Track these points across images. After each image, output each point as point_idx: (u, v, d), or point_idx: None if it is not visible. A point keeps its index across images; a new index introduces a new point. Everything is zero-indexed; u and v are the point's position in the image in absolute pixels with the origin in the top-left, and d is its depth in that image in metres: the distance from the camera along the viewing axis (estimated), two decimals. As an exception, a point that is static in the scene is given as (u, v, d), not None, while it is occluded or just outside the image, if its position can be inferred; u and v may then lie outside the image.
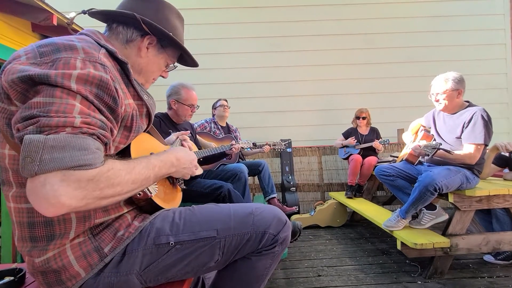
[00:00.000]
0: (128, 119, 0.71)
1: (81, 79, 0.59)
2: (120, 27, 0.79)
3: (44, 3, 1.88)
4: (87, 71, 0.60)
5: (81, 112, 0.57)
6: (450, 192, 1.87)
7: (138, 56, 0.80)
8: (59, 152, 0.53)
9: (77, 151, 0.54)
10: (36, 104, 0.55)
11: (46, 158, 0.52)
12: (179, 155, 0.82)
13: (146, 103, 0.77)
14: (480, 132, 1.81)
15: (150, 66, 0.83)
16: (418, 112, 2.44)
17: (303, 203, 3.59)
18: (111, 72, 0.65)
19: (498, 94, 3.77)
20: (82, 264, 0.68)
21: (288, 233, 0.86)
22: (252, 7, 3.69)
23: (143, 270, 0.73)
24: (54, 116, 0.54)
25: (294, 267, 2.09)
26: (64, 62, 0.59)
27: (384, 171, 2.18)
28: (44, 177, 0.52)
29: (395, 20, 3.75)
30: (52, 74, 0.57)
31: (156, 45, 0.83)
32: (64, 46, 0.62)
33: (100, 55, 0.65)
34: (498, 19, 3.78)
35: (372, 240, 2.64)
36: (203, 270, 0.80)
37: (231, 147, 2.14)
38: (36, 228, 0.65)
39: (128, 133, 0.73)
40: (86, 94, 0.59)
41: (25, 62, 0.60)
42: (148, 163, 0.70)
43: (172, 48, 0.86)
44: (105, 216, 0.72)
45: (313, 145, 3.71)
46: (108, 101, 0.62)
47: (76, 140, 0.55)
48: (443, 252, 1.83)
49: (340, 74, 3.73)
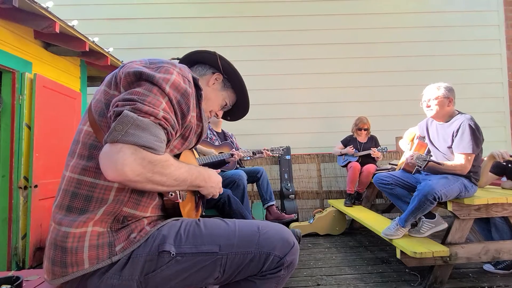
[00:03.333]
0: (188, 129, 0.83)
1: (173, 85, 0.75)
2: (199, 66, 1.02)
3: (47, 11, 1.91)
4: (179, 81, 0.76)
5: (164, 109, 0.72)
6: (449, 201, 1.88)
7: (206, 85, 1.00)
8: (140, 131, 0.66)
9: (152, 136, 0.68)
10: (136, 93, 0.71)
11: (130, 132, 0.65)
12: (210, 173, 0.91)
13: (203, 125, 0.89)
14: (468, 142, 1.82)
15: (212, 96, 1.01)
16: (415, 120, 2.46)
17: (302, 210, 3.58)
18: (192, 88, 0.81)
19: (495, 103, 3.82)
20: (91, 254, 0.71)
21: (296, 256, 0.82)
22: (252, 16, 3.75)
23: (143, 277, 0.73)
24: (147, 105, 0.69)
25: (293, 276, 2.07)
26: (166, 69, 0.76)
27: (383, 179, 2.18)
28: (121, 146, 0.64)
29: (393, 30, 3.81)
30: (156, 75, 0.73)
31: (221, 83, 1.03)
32: (167, 62, 0.80)
33: (189, 75, 0.82)
34: (493, 29, 3.86)
35: (371, 248, 2.63)
36: (201, 286, 0.79)
37: (232, 156, 2.14)
38: (77, 198, 0.73)
39: (184, 141, 0.84)
40: (172, 97, 0.74)
41: (139, 64, 0.78)
42: (190, 169, 0.81)
43: (232, 91, 1.06)
44: (133, 208, 0.77)
45: (312, 153, 3.72)
46: (184, 108, 0.77)
47: (155, 127, 0.69)
48: (442, 261, 1.82)
49: (339, 82, 3.77)
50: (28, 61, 2.21)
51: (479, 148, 1.86)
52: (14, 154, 2.06)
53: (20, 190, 2.05)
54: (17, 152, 2.06)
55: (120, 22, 3.63)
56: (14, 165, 2.05)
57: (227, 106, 1.07)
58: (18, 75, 2.09)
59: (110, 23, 3.60)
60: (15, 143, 2.06)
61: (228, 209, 1.91)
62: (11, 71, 2.06)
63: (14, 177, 2.05)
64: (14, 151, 2.06)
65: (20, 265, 2.04)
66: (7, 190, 2.04)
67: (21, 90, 2.08)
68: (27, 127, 2.11)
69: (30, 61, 2.22)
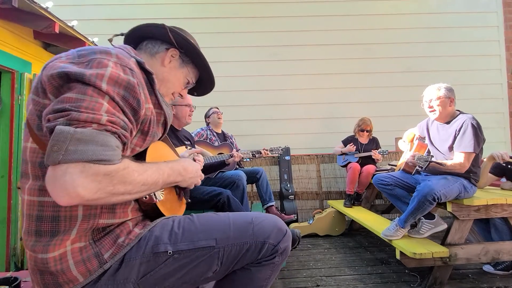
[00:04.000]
0: (146, 123, 0.75)
1: (111, 80, 0.64)
2: (149, 43, 0.88)
3: (46, 11, 1.91)
4: (117, 73, 0.66)
5: (107, 111, 0.62)
6: (449, 201, 1.88)
7: (161, 65, 0.87)
8: (83, 145, 0.57)
9: (99, 146, 0.58)
10: (68, 99, 0.60)
11: (70, 149, 0.56)
12: (185, 165, 0.85)
13: (165, 112, 0.82)
14: (469, 141, 1.82)
15: (171, 77, 0.89)
16: (415, 121, 2.46)
17: (301, 211, 3.57)
18: (137, 77, 0.70)
19: (494, 104, 3.82)
20: (80, 270, 0.68)
21: (289, 243, 0.85)
22: (252, 17, 3.75)
23: (140, 279, 0.72)
24: (84, 112, 0.59)
25: (293, 276, 2.07)
26: (98, 62, 0.65)
27: (382, 180, 2.18)
28: (66, 166, 0.56)
29: (393, 31, 3.82)
30: (87, 73, 0.62)
31: (178, 59, 0.90)
32: (100, 50, 0.68)
33: (130, 61, 0.71)
34: (492, 31, 3.87)
35: (371, 249, 2.63)
36: (201, 280, 0.79)
37: (231, 157, 2.14)
38: (43, 222, 0.67)
39: (145, 136, 0.76)
40: (113, 95, 0.64)
41: (65, 61, 0.66)
42: (159, 168, 0.74)
43: (192, 66, 0.94)
44: (111, 218, 0.72)
45: (311, 153, 3.71)
46: (132, 103, 0.67)
47: (100, 136, 0.59)
48: (442, 262, 1.82)
49: (339, 83, 3.77)
50: (27, 61, 2.20)
51: (480, 147, 1.86)
52: (13, 154, 2.05)
53: (19, 190, 2.05)
54: (16, 153, 2.06)
55: (119, 22, 3.63)
56: (13, 165, 2.05)
57: (190, 84, 0.96)
58: (18, 75, 2.09)
59: (109, 24, 3.60)
60: (14, 143, 2.06)
61: (227, 210, 1.91)
62: (10, 71, 2.06)
63: (13, 177, 2.05)
64: (13, 152, 2.06)
65: (18, 265, 2.03)
66: (6, 190, 2.04)
67: (20, 90, 2.08)
68: (26, 127, 2.11)
69: (29, 61, 2.22)
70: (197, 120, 3.05)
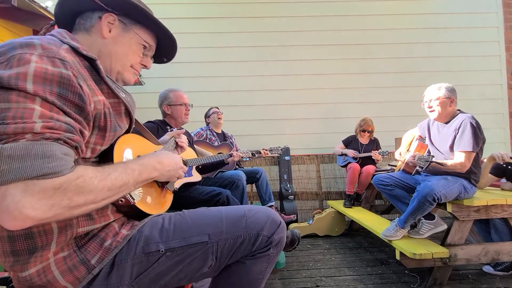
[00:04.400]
0: (100, 117, 0.66)
1: (38, 78, 0.54)
2: (81, 19, 0.74)
3: (46, 10, 1.91)
4: (44, 67, 0.55)
5: (42, 116, 0.53)
6: (449, 202, 1.87)
7: (102, 38, 0.74)
8: (18, 161, 0.49)
9: (39, 159, 0.51)
10: None
11: (4, 169, 0.49)
12: (160, 158, 0.79)
13: (123, 100, 0.72)
14: (468, 140, 1.82)
15: (119, 47, 0.76)
16: (415, 121, 2.46)
17: (301, 211, 3.57)
18: (72, 67, 0.59)
19: (494, 105, 3.82)
20: (68, 279, 0.65)
21: (283, 234, 0.83)
22: (251, 16, 3.74)
23: (134, 280, 0.71)
24: (11, 123, 0.50)
25: (292, 277, 2.07)
26: (19, 58, 0.54)
27: (382, 180, 2.18)
28: (4, 188, 0.49)
29: (393, 31, 3.81)
30: (4, 75, 0.52)
31: (119, 24, 0.75)
32: (20, 44, 0.57)
33: (60, 50, 0.60)
34: (492, 31, 3.86)
35: (370, 249, 2.62)
36: (197, 276, 0.78)
37: (231, 156, 2.14)
38: (16, 241, 0.61)
39: (103, 133, 0.68)
40: (45, 95, 0.54)
41: None
42: (126, 168, 0.67)
43: (139, 26, 0.78)
44: (90, 224, 0.68)
45: (311, 153, 3.71)
46: (73, 99, 0.58)
47: (38, 147, 0.51)
48: (442, 262, 1.81)
49: (338, 83, 3.77)
50: (26, 61, 2.20)
51: (479, 147, 1.86)
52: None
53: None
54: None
55: (119, 22, 3.62)
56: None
57: (150, 47, 0.82)
58: (17, 75, 2.08)
59: (109, 23, 3.60)
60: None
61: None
62: (10, 70, 2.06)
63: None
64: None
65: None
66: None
67: (20, 89, 2.07)
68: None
69: (28, 61, 2.22)
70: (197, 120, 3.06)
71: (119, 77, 0.79)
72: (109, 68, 0.76)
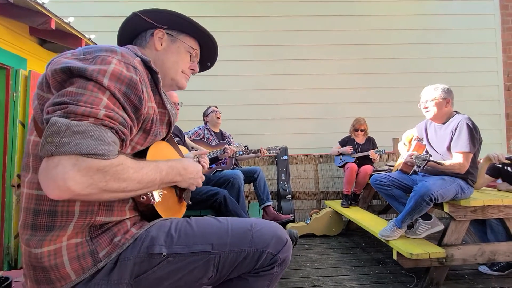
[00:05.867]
0: (148, 121, 0.74)
1: (113, 76, 0.64)
2: (137, 39, 0.89)
3: (42, 7, 1.88)
4: (120, 70, 0.66)
5: (106, 107, 0.62)
6: (445, 202, 1.88)
7: (156, 51, 0.86)
8: (78, 138, 0.57)
9: (94, 140, 0.58)
10: (68, 93, 0.61)
11: (65, 141, 0.56)
12: (186, 164, 0.84)
13: (169, 112, 0.81)
14: (465, 141, 1.83)
15: (170, 56, 0.87)
16: (412, 122, 2.47)
17: (298, 211, 3.57)
18: (140, 75, 0.70)
19: (491, 106, 3.85)
20: (74, 266, 0.67)
21: (289, 253, 0.81)
22: (249, 16, 3.74)
23: (133, 280, 0.71)
24: (82, 105, 0.59)
25: (289, 276, 2.06)
26: (102, 59, 0.66)
27: (380, 180, 2.19)
28: (58, 158, 0.55)
29: (390, 32, 3.83)
30: (89, 68, 0.63)
31: (167, 37, 0.87)
32: (105, 48, 0.69)
33: (135, 60, 0.72)
34: (489, 33, 3.89)
35: (367, 249, 2.63)
36: (195, 286, 0.77)
37: (225, 151, 2.13)
38: (40, 215, 0.66)
39: (146, 135, 0.76)
40: (114, 91, 0.64)
41: (70, 57, 0.67)
42: (156, 166, 0.73)
43: (184, 35, 0.90)
44: (108, 216, 0.71)
45: (309, 153, 3.71)
46: (134, 100, 0.67)
47: (96, 130, 0.59)
48: (438, 262, 1.82)
49: (336, 83, 3.77)
50: (23, 58, 2.17)
51: (476, 147, 1.87)
52: (7, 151, 2.02)
53: (13, 188, 2.02)
54: (10, 150, 2.03)
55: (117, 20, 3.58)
56: (7, 163, 2.02)
57: (195, 53, 0.93)
58: (13, 72, 2.06)
59: (107, 21, 3.56)
60: (9, 141, 2.03)
61: (224, 209, 1.90)
62: (5, 67, 2.03)
63: (7, 175, 2.02)
64: (7, 149, 2.03)
65: (12, 264, 2.00)
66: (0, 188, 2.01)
67: (15, 87, 2.05)
68: (21, 125, 2.08)
69: (25, 58, 2.19)
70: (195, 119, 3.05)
71: (174, 83, 0.90)
72: (164, 75, 0.86)
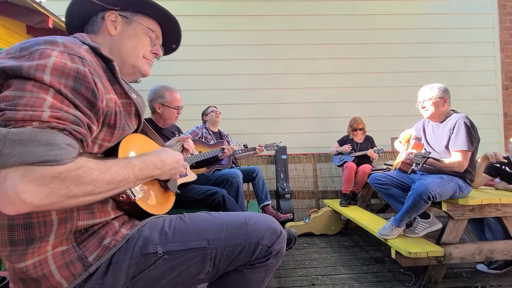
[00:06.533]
0: (111, 115, 0.67)
1: (56, 71, 0.57)
2: (88, 26, 0.79)
3: (40, 5, 1.87)
4: (64, 62, 0.58)
5: (51, 106, 0.55)
6: (444, 201, 1.89)
7: (109, 35, 0.77)
8: (22, 146, 0.51)
9: (41, 146, 0.52)
10: (4, 98, 0.54)
11: (6, 152, 0.50)
12: (163, 157, 0.79)
13: (134, 101, 0.74)
14: (463, 139, 1.84)
15: (127, 40, 0.78)
16: (410, 121, 2.47)
17: (297, 210, 3.57)
18: (89, 65, 0.63)
19: (489, 105, 3.86)
20: (64, 274, 0.64)
21: (283, 245, 0.82)
22: (247, 15, 3.73)
23: (129, 281, 0.69)
24: (21, 110, 0.53)
25: (288, 275, 2.07)
26: (41, 52, 0.58)
27: (378, 179, 2.19)
28: (5, 172, 0.50)
29: (389, 31, 3.83)
30: (25, 66, 0.55)
31: (122, 19, 0.78)
32: (44, 41, 0.61)
33: (80, 49, 0.63)
34: (487, 32, 3.90)
35: (366, 248, 2.64)
36: (193, 282, 0.77)
37: (223, 150, 2.12)
38: (15, 230, 0.62)
39: (113, 130, 0.70)
40: (59, 87, 0.57)
41: (4, 57, 0.58)
42: (128, 164, 0.68)
43: (140, 16, 0.80)
44: (90, 218, 0.67)
45: (308, 152, 3.72)
46: (86, 94, 0.60)
47: (42, 134, 0.53)
48: (437, 261, 1.83)
49: (335, 82, 3.77)
50: (20, 57, 2.16)
51: (474, 146, 1.87)
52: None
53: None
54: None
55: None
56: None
57: (155, 35, 0.83)
58: (10, 71, 2.05)
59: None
60: None
61: (223, 209, 1.90)
62: (2, 66, 2.02)
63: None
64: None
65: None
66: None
67: (13, 86, 2.04)
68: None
69: (22, 57, 2.18)
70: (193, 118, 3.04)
71: (135, 70, 0.82)
72: (122, 63, 0.78)
